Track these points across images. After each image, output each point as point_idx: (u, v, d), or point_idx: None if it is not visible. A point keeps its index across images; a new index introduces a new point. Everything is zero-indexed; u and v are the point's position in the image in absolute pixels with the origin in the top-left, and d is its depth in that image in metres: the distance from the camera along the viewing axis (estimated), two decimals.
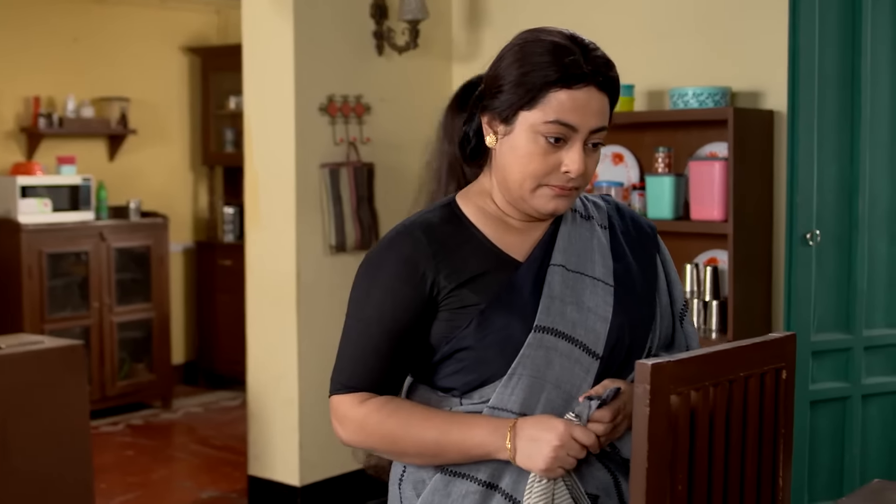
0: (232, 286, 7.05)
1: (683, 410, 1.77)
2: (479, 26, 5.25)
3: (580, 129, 1.77)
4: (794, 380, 2.01)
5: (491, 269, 1.84)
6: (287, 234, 4.76)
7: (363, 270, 1.88)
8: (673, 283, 2.01)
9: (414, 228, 1.85)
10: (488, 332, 1.80)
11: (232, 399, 7.04)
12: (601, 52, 1.82)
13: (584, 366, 1.82)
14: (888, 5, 4.11)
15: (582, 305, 1.84)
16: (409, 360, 1.88)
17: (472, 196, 1.91)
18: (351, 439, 1.87)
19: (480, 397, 1.83)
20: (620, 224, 2.00)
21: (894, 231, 4.18)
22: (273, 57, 4.76)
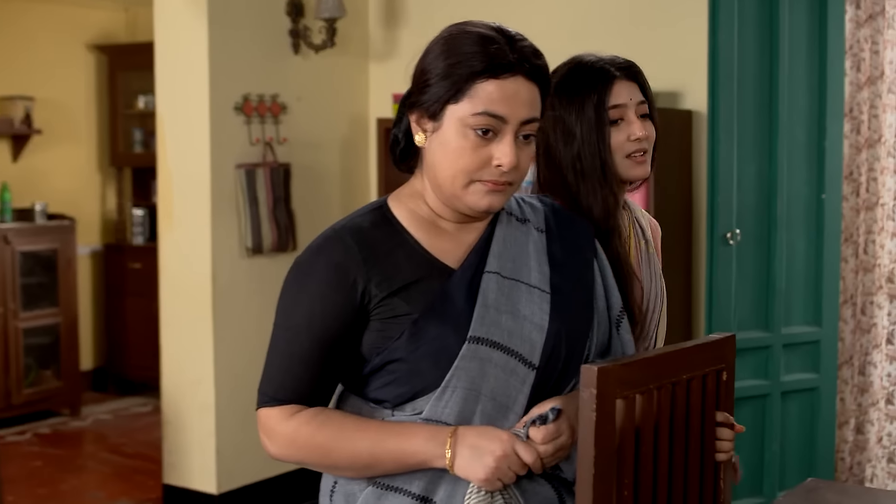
0: (142, 289, 6.89)
1: (629, 414, 1.75)
2: (397, 25, 5.20)
3: (510, 120, 1.72)
4: (733, 381, 2.00)
5: (423, 276, 1.77)
6: (202, 236, 4.66)
7: (291, 277, 1.81)
8: (610, 289, 1.95)
9: (344, 233, 1.78)
10: (421, 343, 1.74)
11: (143, 405, 6.88)
12: (528, 41, 1.77)
13: (520, 377, 1.76)
14: (805, 8, 4.17)
15: (518, 314, 1.79)
16: (340, 370, 1.82)
17: (404, 198, 1.85)
18: (280, 453, 1.80)
19: (413, 410, 1.77)
20: (557, 226, 1.93)
21: (812, 230, 4.24)
22: (187, 55, 4.65)
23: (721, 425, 1.99)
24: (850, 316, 4.60)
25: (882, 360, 4.53)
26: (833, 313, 4.29)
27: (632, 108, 2.16)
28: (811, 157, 4.22)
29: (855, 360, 4.60)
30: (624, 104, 2.15)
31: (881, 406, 4.54)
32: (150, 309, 6.67)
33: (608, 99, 2.14)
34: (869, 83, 4.54)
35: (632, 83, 2.17)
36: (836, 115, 4.25)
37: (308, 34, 4.93)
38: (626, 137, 2.15)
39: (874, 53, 4.53)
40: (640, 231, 2.28)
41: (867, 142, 4.55)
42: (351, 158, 5.23)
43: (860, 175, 4.57)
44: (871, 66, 4.53)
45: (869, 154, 4.55)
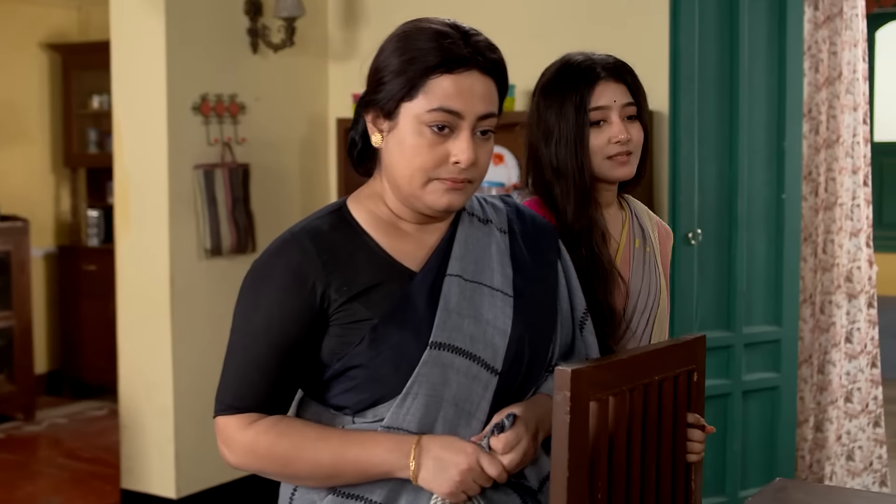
0: (98, 292, 6.79)
1: (602, 417, 1.73)
2: (356, 25, 5.17)
3: (466, 115, 1.69)
4: (704, 381, 2.00)
5: (384, 280, 1.74)
6: (160, 237, 4.60)
7: (249, 281, 1.77)
8: (573, 290, 1.94)
9: (302, 236, 1.75)
10: (381, 349, 1.71)
11: (99, 409, 6.78)
12: (483, 36, 1.75)
13: (483, 382, 1.74)
14: (764, 9, 4.18)
15: (480, 318, 1.76)
16: (299, 377, 1.78)
17: (364, 200, 1.82)
18: (239, 463, 1.76)
19: (374, 416, 1.74)
20: (521, 227, 1.91)
21: (772, 230, 4.26)
22: (143, 54, 4.59)
23: (691, 426, 1.98)
24: (809, 315, 4.62)
25: (841, 358, 4.57)
26: (793, 313, 4.31)
27: (616, 109, 2.15)
28: (771, 158, 4.24)
29: (814, 358, 4.63)
30: (607, 106, 2.14)
31: (840, 404, 4.57)
32: (105, 311, 6.59)
33: (590, 100, 2.13)
34: (827, 84, 4.57)
35: (619, 84, 2.16)
36: (795, 116, 4.27)
37: (267, 33, 4.89)
38: (607, 140, 2.14)
39: (832, 54, 4.56)
40: (635, 231, 2.27)
41: (825, 142, 4.58)
42: (310, 159, 5.19)
43: (819, 175, 4.60)
44: (830, 66, 4.57)
45: (827, 154, 4.58)
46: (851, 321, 4.57)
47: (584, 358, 1.92)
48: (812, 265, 4.63)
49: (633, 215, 2.29)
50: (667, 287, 2.32)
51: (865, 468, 4.54)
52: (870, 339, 4.59)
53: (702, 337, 1.98)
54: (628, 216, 2.29)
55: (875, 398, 4.59)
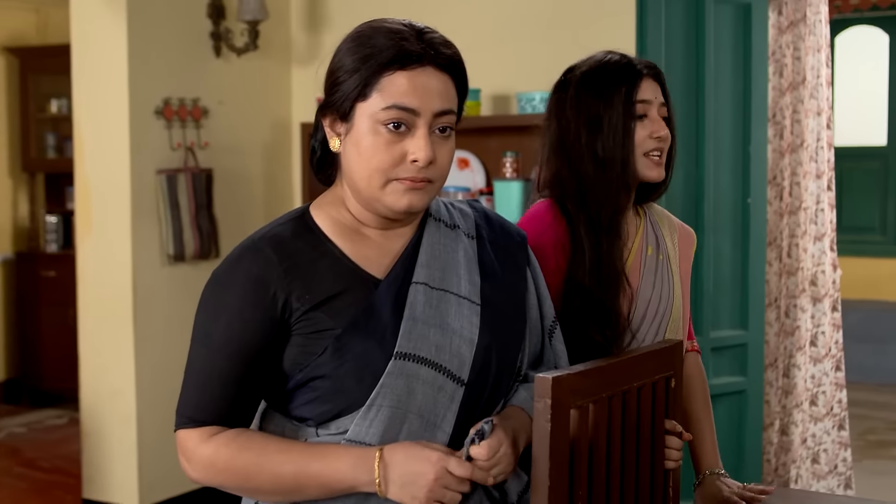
0: (57, 298, 6.70)
1: (583, 424, 1.72)
2: (319, 28, 5.13)
3: (422, 112, 1.65)
4: (681, 387, 1.99)
5: (347, 288, 1.69)
6: (122, 243, 4.53)
7: (208, 290, 1.73)
8: (543, 298, 1.90)
9: (263, 244, 1.70)
10: (345, 359, 1.66)
11: (59, 417, 6.69)
12: (438, 34, 1.71)
13: (449, 393, 1.69)
14: (730, 15, 4.20)
15: (446, 327, 1.71)
16: (261, 388, 1.73)
17: (326, 206, 1.78)
18: (200, 477, 1.71)
19: (338, 428, 1.69)
20: (489, 233, 1.87)
21: (738, 234, 4.27)
22: (105, 57, 4.53)
23: (668, 433, 1.97)
24: (774, 319, 4.64)
25: (806, 362, 4.59)
26: (759, 317, 4.33)
27: (656, 106, 2.17)
28: (737, 162, 4.25)
29: (779, 362, 4.65)
30: (650, 101, 2.16)
31: (805, 408, 4.59)
32: (65, 318, 6.51)
33: (636, 93, 2.14)
34: (791, 89, 4.59)
35: (656, 84, 2.19)
36: (760, 121, 4.29)
37: (230, 37, 4.84)
38: (648, 134, 2.16)
39: (796, 59, 4.58)
40: (649, 238, 2.25)
41: (790, 146, 4.61)
42: (274, 163, 5.15)
43: (783, 179, 4.62)
44: (794, 71, 4.59)
45: (791, 159, 4.61)
46: (816, 325, 4.60)
47: (554, 367, 1.89)
48: (777, 269, 4.65)
49: (648, 223, 2.28)
50: (686, 291, 2.30)
51: (830, 471, 4.57)
52: (834, 342, 4.61)
53: (679, 343, 1.97)
54: (643, 223, 2.27)
55: (840, 401, 4.62)
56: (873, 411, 6.63)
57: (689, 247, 2.36)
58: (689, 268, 2.35)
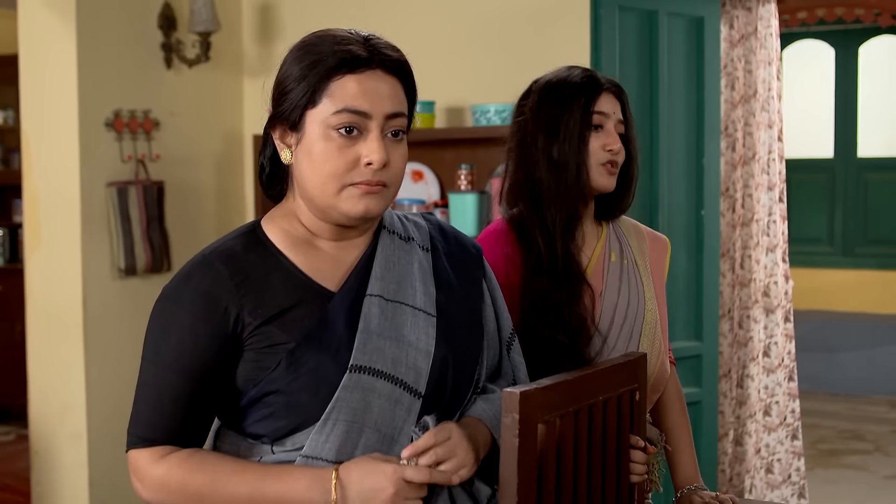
0: (4, 313, 6.59)
1: (550, 439, 1.71)
2: (272, 40, 5.10)
3: (373, 114, 1.65)
4: (645, 400, 1.98)
5: (300, 301, 1.68)
6: (72, 256, 4.46)
7: (159, 307, 1.70)
8: (500, 310, 1.90)
9: (214, 258, 1.68)
10: (299, 374, 1.64)
11: (5, 434, 6.57)
12: (384, 39, 1.72)
13: (406, 406, 1.68)
14: (683, 29, 4.23)
15: (402, 339, 1.70)
16: (214, 405, 1.71)
17: (278, 219, 1.76)
18: (152, 498, 1.69)
19: (293, 444, 1.67)
20: (444, 245, 1.87)
21: (692, 246, 4.29)
22: (54, 68, 4.46)
23: (632, 447, 1.97)
24: (727, 330, 4.68)
25: (759, 372, 4.63)
26: (713, 328, 4.35)
27: (613, 120, 2.21)
28: (690, 175, 4.28)
29: (733, 373, 4.68)
30: (607, 114, 2.20)
31: (758, 418, 4.63)
32: (11, 333, 6.41)
33: (594, 104, 2.18)
34: (743, 101, 4.64)
35: (616, 101, 2.23)
36: (713, 134, 4.32)
37: (181, 48, 4.79)
38: (601, 145, 2.19)
39: (747, 72, 4.63)
40: (612, 245, 2.28)
41: (742, 159, 4.65)
42: (226, 176, 5.10)
43: (736, 192, 4.66)
44: (745, 84, 4.63)
45: (744, 171, 4.65)
46: (769, 335, 4.64)
47: (512, 379, 1.88)
48: (730, 280, 4.69)
49: (611, 232, 2.31)
50: (661, 298, 2.33)
51: (784, 481, 4.60)
52: (787, 352, 4.65)
53: (643, 355, 1.97)
54: (605, 232, 2.30)
55: (793, 411, 4.65)
56: (824, 420, 6.71)
57: (662, 253, 2.39)
58: (664, 274, 2.38)
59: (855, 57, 8.48)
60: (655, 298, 2.30)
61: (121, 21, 4.59)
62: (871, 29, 8.30)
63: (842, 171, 8.47)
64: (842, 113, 8.51)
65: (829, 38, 8.51)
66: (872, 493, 5.32)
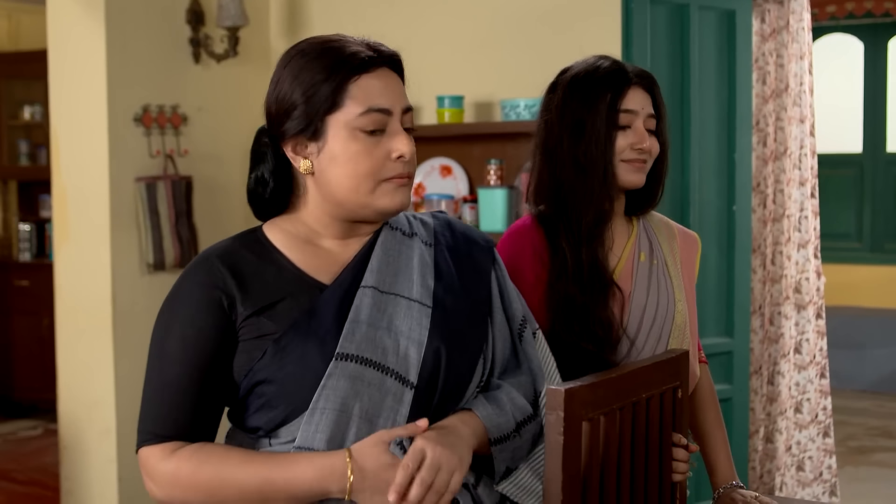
0: (31, 308, 6.61)
1: (594, 437, 1.68)
2: (299, 34, 5.08)
3: (394, 110, 1.71)
4: (688, 398, 1.96)
5: (292, 293, 1.69)
6: (101, 252, 4.47)
7: (163, 305, 1.73)
8: (509, 300, 1.88)
9: (210, 255, 1.73)
10: (285, 362, 1.65)
11: (33, 428, 6.59)
12: (373, 39, 1.77)
13: (397, 395, 1.67)
14: (714, 22, 4.19)
15: (394, 329, 1.70)
16: (219, 399, 1.72)
17: (280, 222, 1.79)
18: (165, 495, 1.68)
19: (287, 436, 1.67)
20: (450, 240, 1.86)
21: (723, 242, 4.26)
22: (82, 64, 4.47)
23: (675, 445, 1.94)
24: (758, 326, 4.64)
25: (790, 369, 4.58)
26: (744, 324, 4.31)
27: (641, 117, 2.13)
28: (722, 170, 4.24)
29: (764, 369, 4.64)
30: (635, 111, 2.13)
31: (789, 415, 4.59)
32: (38, 328, 6.43)
33: (621, 101, 2.11)
34: (774, 96, 4.59)
35: (646, 94, 2.15)
36: (744, 128, 4.28)
37: (209, 43, 4.79)
38: (628, 145, 2.12)
39: (779, 67, 4.58)
40: (642, 244, 2.22)
41: (773, 154, 4.60)
42: None
43: (767, 187, 4.61)
44: (777, 79, 4.59)
45: (775, 166, 4.60)
46: (800, 332, 4.59)
47: (527, 370, 1.84)
48: (761, 276, 4.65)
49: (641, 230, 2.24)
50: (691, 297, 2.27)
51: (815, 478, 4.56)
52: (818, 349, 4.61)
53: (685, 352, 1.94)
54: (635, 230, 2.23)
55: (824, 408, 4.61)
56: (852, 417, 6.65)
57: (693, 252, 2.33)
58: (694, 273, 2.32)
59: (884, 51, 8.41)
60: (685, 298, 2.25)
61: (149, 16, 4.58)
62: None
63: (870, 166, 8.40)
64: (871, 107, 8.44)
65: (858, 32, 8.43)
66: None
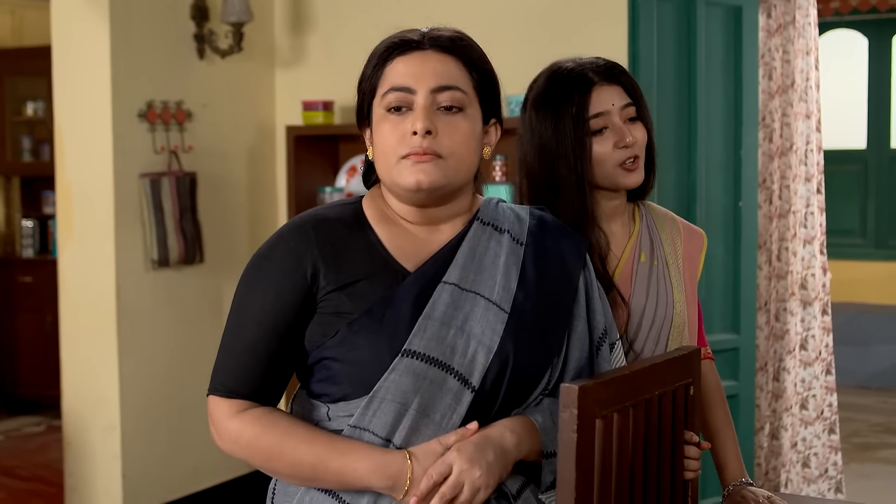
0: (34, 304, 6.59)
1: (608, 434, 1.68)
2: (304, 31, 5.07)
3: (417, 89, 1.71)
4: (699, 395, 1.95)
5: (374, 274, 1.71)
6: (105, 248, 4.46)
7: (250, 263, 1.78)
8: (593, 310, 1.85)
9: (305, 221, 1.76)
10: (354, 345, 1.67)
11: (37, 425, 6.58)
12: (448, 28, 1.79)
13: (457, 396, 1.67)
14: (720, 18, 4.18)
15: (466, 330, 1.69)
16: (290, 364, 1.76)
17: (376, 197, 1.82)
18: (226, 448, 1.75)
19: (346, 410, 1.70)
20: (542, 241, 1.83)
21: (729, 238, 4.25)
22: (87, 59, 4.45)
23: (686, 443, 1.93)
24: (764, 322, 4.62)
25: (795, 365, 4.57)
26: (750, 320, 4.30)
27: (615, 113, 2.05)
28: (728, 166, 4.23)
29: (769, 366, 4.63)
30: (606, 111, 2.05)
31: (795, 411, 4.58)
32: (42, 324, 6.42)
33: (587, 108, 2.04)
34: (780, 92, 4.58)
35: (613, 86, 2.06)
36: (751, 125, 4.27)
37: (214, 39, 4.77)
38: (612, 146, 2.05)
39: (785, 62, 4.57)
40: (643, 244, 2.17)
41: (779, 150, 4.59)
42: (258, 167, 5.08)
43: (773, 183, 4.60)
44: (783, 75, 4.58)
45: (781, 162, 4.59)
46: (806, 328, 4.58)
47: None
48: (767, 273, 4.64)
49: (644, 227, 2.19)
50: (692, 295, 2.21)
51: (821, 475, 4.55)
52: (824, 346, 4.60)
53: (697, 349, 1.93)
54: (637, 228, 2.18)
55: (830, 405, 4.60)
56: (857, 413, 6.64)
57: (697, 248, 2.24)
58: (697, 270, 2.24)
59: (888, 47, 8.38)
60: (685, 298, 2.19)
61: (154, 12, 4.57)
62: None
63: (874, 162, 8.38)
64: (875, 103, 8.41)
65: (863, 28, 8.40)
66: None
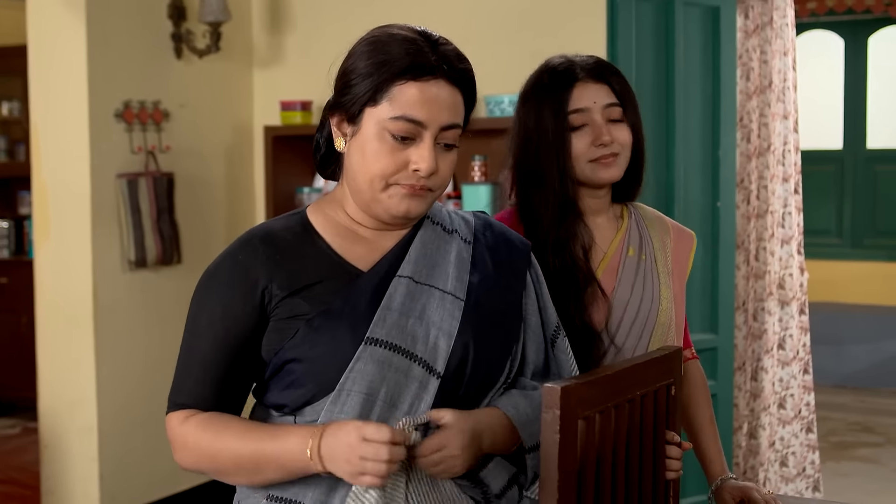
0: (9, 306, 6.54)
1: (590, 435, 1.67)
2: (282, 30, 5.06)
3: (429, 125, 1.67)
4: (680, 395, 1.95)
5: (329, 277, 1.71)
6: (82, 249, 4.43)
7: (201, 281, 1.77)
8: (544, 305, 1.89)
9: (253, 235, 1.76)
10: (316, 342, 1.67)
11: (12, 427, 6.52)
12: (452, 45, 1.74)
13: (423, 383, 1.69)
14: (699, 18, 4.19)
15: (425, 319, 1.72)
16: (245, 378, 1.75)
17: (324, 206, 1.81)
18: (178, 458, 1.75)
19: (312, 414, 1.69)
20: (489, 239, 1.87)
21: (707, 238, 4.26)
22: (63, 59, 4.42)
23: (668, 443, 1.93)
24: (742, 322, 4.64)
25: (773, 365, 4.59)
26: (728, 320, 4.32)
27: (597, 111, 2.07)
28: (706, 166, 4.25)
29: (747, 365, 4.65)
30: (586, 108, 2.06)
31: (773, 411, 4.60)
32: (17, 326, 6.37)
33: (568, 104, 2.05)
34: (758, 92, 4.60)
35: (599, 84, 2.08)
36: (729, 125, 4.29)
37: (191, 38, 4.75)
38: (589, 143, 2.06)
39: (763, 63, 4.59)
40: (632, 239, 2.18)
41: (757, 150, 4.61)
42: (236, 167, 5.06)
43: (750, 183, 4.62)
44: (760, 75, 4.60)
45: (759, 162, 4.61)
46: (784, 328, 4.60)
47: (557, 376, 1.86)
48: (745, 272, 4.65)
49: (633, 224, 2.21)
50: (680, 296, 2.21)
51: (798, 474, 4.57)
52: (802, 345, 4.62)
53: (678, 349, 1.93)
54: (625, 224, 2.20)
55: (807, 404, 4.63)
56: (833, 412, 6.67)
57: (686, 249, 2.27)
58: (685, 271, 2.27)
59: (864, 48, 8.43)
60: (672, 297, 2.20)
61: (130, 11, 4.55)
62: (880, 19, 8.25)
63: (851, 162, 8.43)
64: (851, 104, 8.46)
65: (839, 29, 8.45)
66: (885, 487, 5.29)
